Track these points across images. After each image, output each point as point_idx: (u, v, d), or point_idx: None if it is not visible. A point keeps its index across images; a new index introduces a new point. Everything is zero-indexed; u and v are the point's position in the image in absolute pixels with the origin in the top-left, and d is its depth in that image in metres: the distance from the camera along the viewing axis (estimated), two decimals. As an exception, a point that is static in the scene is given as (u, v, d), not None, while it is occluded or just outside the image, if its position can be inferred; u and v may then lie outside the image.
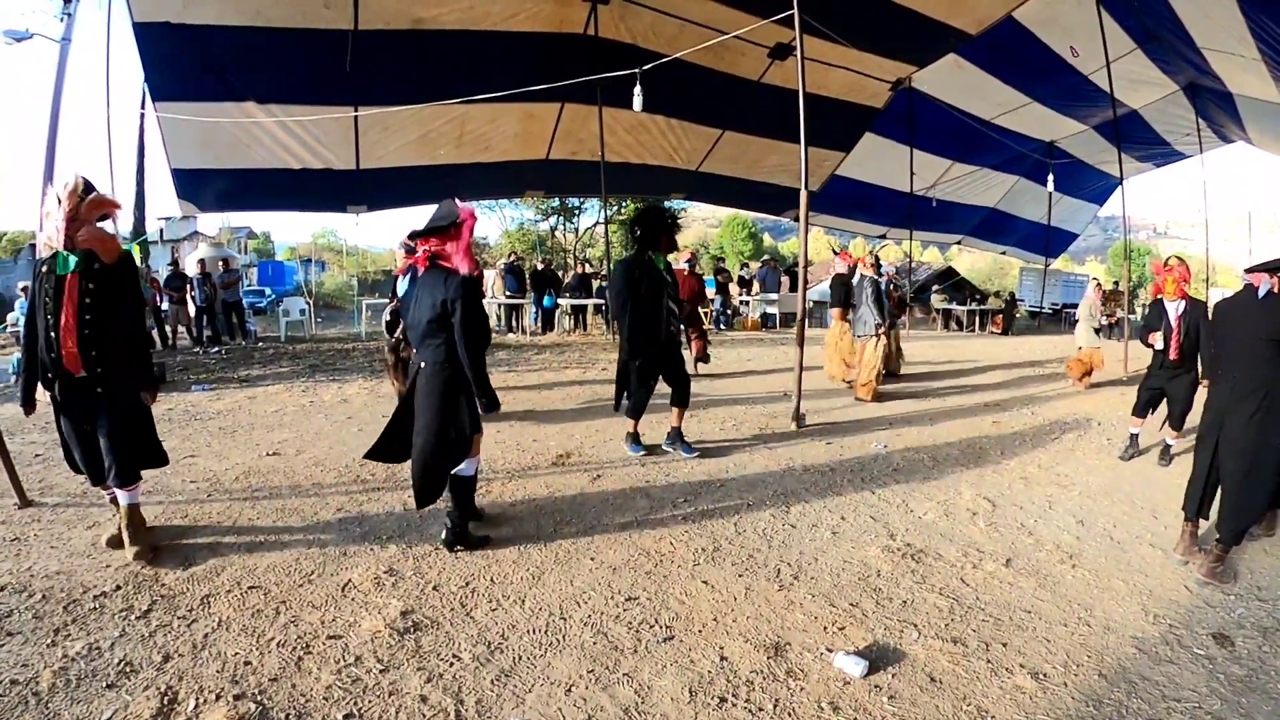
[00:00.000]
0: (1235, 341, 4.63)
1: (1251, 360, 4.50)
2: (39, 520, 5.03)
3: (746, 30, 11.74)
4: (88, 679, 3.17)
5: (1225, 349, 4.72)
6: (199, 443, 7.10)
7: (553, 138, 17.18)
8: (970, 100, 17.86)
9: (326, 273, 37.61)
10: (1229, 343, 4.69)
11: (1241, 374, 4.54)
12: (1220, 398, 4.67)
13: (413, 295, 4.64)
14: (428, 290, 4.43)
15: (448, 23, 13.06)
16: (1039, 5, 13.90)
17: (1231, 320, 4.70)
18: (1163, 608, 4.16)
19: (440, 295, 4.33)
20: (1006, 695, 3.26)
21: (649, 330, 6.51)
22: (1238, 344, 4.61)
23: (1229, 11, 10.98)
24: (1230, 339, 4.69)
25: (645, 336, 6.50)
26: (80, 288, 4.17)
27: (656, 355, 6.64)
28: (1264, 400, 4.42)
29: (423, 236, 4.48)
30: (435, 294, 4.36)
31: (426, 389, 4.50)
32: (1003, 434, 8.02)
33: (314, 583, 4.16)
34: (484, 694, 3.15)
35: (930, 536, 5.09)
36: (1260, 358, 4.46)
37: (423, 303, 4.45)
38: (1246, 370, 4.52)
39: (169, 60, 12.19)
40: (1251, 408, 4.45)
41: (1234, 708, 3.22)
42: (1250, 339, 4.51)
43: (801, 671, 3.39)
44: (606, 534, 4.99)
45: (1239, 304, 4.67)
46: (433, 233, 4.44)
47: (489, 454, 6.86)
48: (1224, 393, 4.65)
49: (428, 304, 4.40)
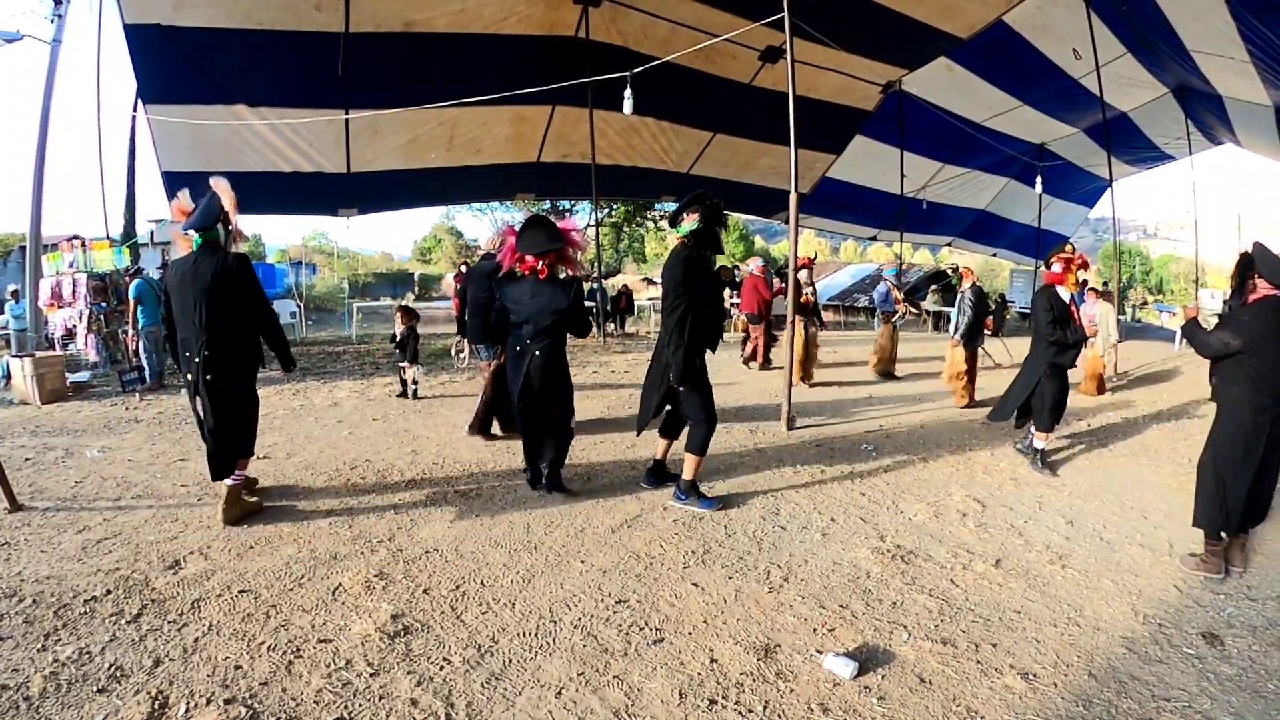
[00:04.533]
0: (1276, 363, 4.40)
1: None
2: (29, 524, 5.01)
3: (737, 33, 11.78)
4: (78, 683, 3.16)
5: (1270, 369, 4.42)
6: (189, 446, 7.08)
7: (544, 140, 17.20)
8: (961, 103, 17.90)
9: (317, 275, 37.43)
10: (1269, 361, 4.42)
11: (1269, 395, 4.42)
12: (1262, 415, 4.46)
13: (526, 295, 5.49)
14: (548, 293, 5.43)
15: (439, 25, 13.07)
16: (1030, 10, 13.95)
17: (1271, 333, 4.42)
18: (1152, 608, 4.17)
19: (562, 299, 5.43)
20: (996, 696, 3.27)
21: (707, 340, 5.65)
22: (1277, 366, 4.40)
23: (1219, 15, 11.03)
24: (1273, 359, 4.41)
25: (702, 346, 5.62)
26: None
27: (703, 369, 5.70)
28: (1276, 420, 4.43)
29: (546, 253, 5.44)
30: (557, 297, 5.42)
31: (551, 370, 5.51)
32: (993, 435, 8.04)
33: (304, 586, 4.16)
34: (474, 697, 3.15)
35: (920, 538, 5.11)
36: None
37: (542, 302, 5.43)
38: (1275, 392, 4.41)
39: (160, 62, 12.16)
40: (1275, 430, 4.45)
41: (1224, 707, 3.23)
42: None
43: (791, 673, 3.39)
44: (596, 536, 4.99)
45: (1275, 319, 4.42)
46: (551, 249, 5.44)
47: (479, 456, 6.87)
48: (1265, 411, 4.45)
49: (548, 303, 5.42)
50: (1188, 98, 17.50)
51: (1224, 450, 4.64)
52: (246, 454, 5.32)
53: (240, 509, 5.18)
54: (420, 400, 9.54)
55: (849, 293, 31.98)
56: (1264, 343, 4.41)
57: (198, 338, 4.93)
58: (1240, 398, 4.55)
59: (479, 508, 5.51)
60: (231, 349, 5.06)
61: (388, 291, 36.01)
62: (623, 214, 36.21)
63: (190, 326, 4.98)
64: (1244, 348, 4.47)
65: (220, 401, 5.03)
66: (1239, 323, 4.57)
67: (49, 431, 7.70)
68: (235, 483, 5.17)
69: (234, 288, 5.00)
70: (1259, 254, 4.53)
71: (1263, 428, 4.46)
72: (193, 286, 4.93)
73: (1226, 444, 4.63)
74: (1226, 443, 4.64)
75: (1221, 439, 4.69)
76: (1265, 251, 4.52)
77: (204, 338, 4.93)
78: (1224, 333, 4.62)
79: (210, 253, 5.04)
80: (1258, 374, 4.44)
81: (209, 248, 5.06)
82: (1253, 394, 4.47)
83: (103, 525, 5.01)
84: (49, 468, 6.40)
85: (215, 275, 4.93)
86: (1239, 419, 4.57)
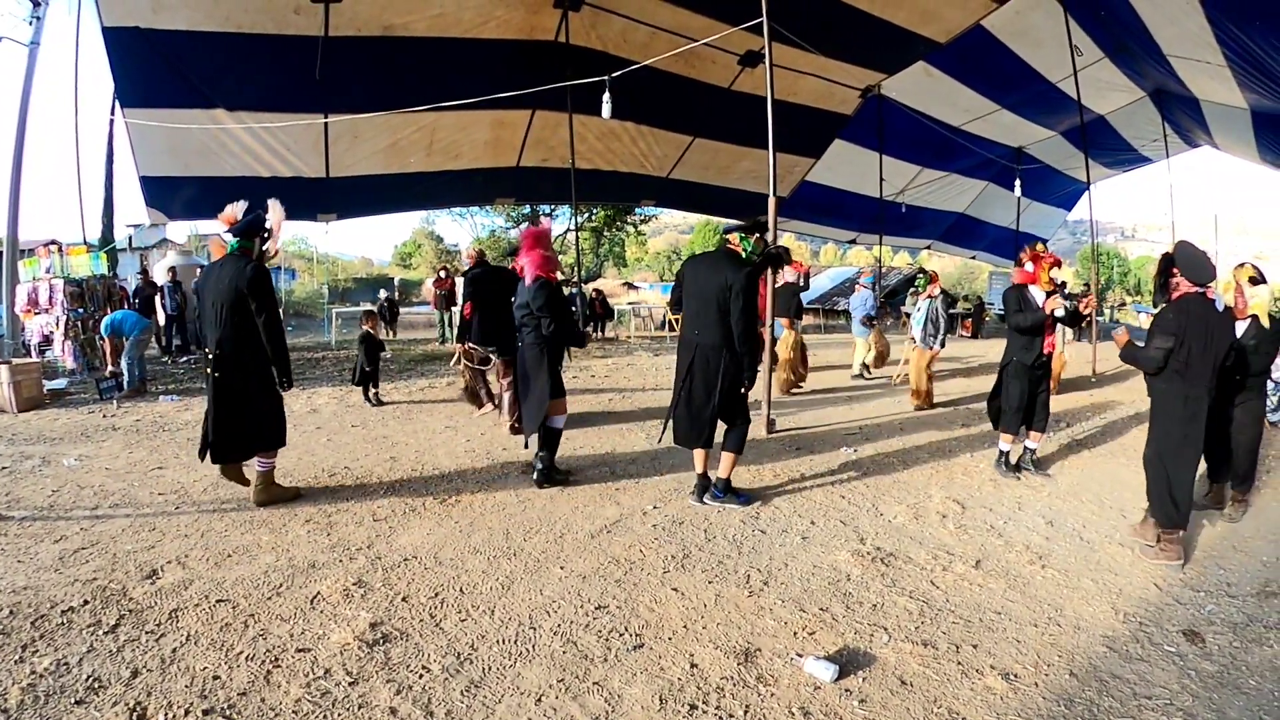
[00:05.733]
0: (1201, 355, 4.71)
1: (1213, 373, 4.74)
2: (5, 534, 4.95)
3: (716, 38, 11.80)
4: (56, 695, 3.12)
5: (1199, 358, 4.72)
6: (167, 454, 7.03)
7: (523, 145, 17.15)
8: (939, 107, 18.00)
9: (296, 281, 37.26)
10: (1194, 354, 4.72)
11: (1200, 386, 4.73)
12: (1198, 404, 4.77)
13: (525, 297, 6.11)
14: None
15: (418, 30, 13.01)
16: (1008, 14, 14.05)
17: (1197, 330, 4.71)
18: (1133, 606, 4.20)
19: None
20: (977, 696, 3.28)
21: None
22: (1204, 358, 4.71)
23: (1195, 20, 11.14)
24: (1197, 353, 4.71)
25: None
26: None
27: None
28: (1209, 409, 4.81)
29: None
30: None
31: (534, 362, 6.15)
32: (972, 436, 8.09)
33: (282, 595, 4.13)
34: (454, 705, 3.14)
35: (900, 540, 5.13)
36: (1215, 371, 4.73)
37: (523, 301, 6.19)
38: (1206, 383, 4.73)
39: (138, 66, 12.05)
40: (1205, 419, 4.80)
41: (1205, 704, 3.25)
42: (1220, 348, 4.73)
43: (772, 677, 3.39)
44: (576, 542, 4.98)
45: (1200, 313, 4.72)
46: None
47: (458, 462, 6.85)
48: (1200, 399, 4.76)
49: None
50: (1165, 101, 17.67)
51: (1164, 443, 4.92)
52: (269, 446, 5.66)
53: (269, 494, 5.66)
54: (397, 406, 9.50)
55: (829, 295, 32.11)
56: (1189, 336, 4.69)
57: (214, 336, 5.40)
58: (1169, 391, 4.87)
59: (458, 514, 5.49)
60: (241, 350, 5.42)
61: (368, 297, 35.86)
62: (602, 218, 36.22)
63: (210, 325, 5.48)
64: (1180, 341, 4.73)
65: (224, 397, 5.42)
66: (1165, 321, 4.84)
67: (25, 439, 7.63)
68: (264, 469, 5.64)
69: (250, 295, 5.33)
70: (1179, 255, 4.86)
71: (1197, 414, 4.76)
72: (214, 289, 5.39)
73: (1164, 436, 4.92)
74: (1164, 435, 4.93)
75: (1159, 432, 4.97)
76: (1185, 252, 4.86)
77: (217, 336, 5.37)
78: (1156, 340, 4.84)
79: (237, 260, 5.44)
80: (1185, 365, 4.73)
81: (240, 255, 5.47)
82: (1181, 384, 4.77)
83: (80, 534, 4.96)
84: (25, 476, 6.34)
85: (234, 281, 5.32)
86: (1172, 410, 4.87)
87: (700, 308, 5.50)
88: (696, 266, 5.72)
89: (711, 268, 5.51)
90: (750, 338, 5.45)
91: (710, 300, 5.42)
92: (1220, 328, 4.74)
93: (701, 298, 5.49)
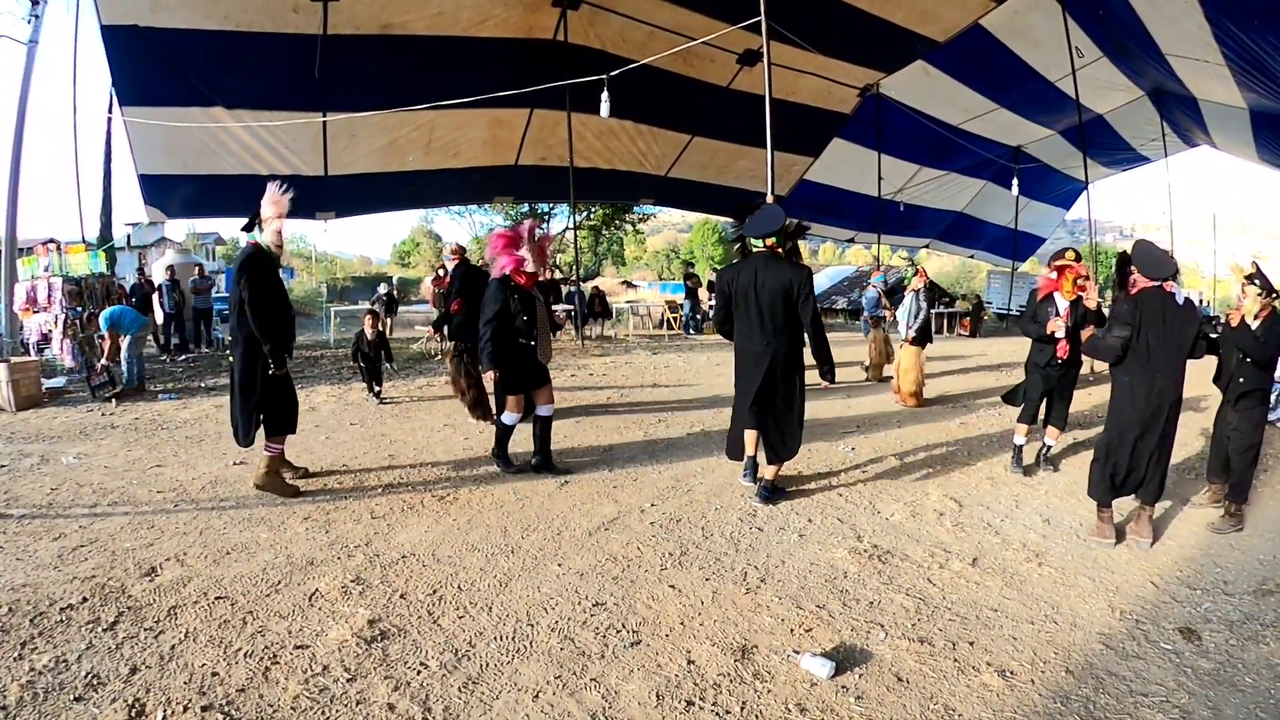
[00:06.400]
0: (1161, 346, 4.87)
1: (1177, 365, 4.89)
2: (4, 532, 4.95)
3: (715, 36, 11.82)
4: (55, 692, 3.13)
5: (1158, 349, 4.89)
6: (166, 452, 7.04)
7: (522, 143, 17.19)
8: (938, 106, 18.04)
9: (295, 279, 37.20)
10: (1153, 346, 4.89)
11: (1165, 377, 4.87)
12: (1145, 397, 4.93)
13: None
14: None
15: (417, 28, 13.04)
16: (1006, 14, 14.07)
17: (1154, 322, 4.89)
18: (1129, 604, 4.21)
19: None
20: (974, 693, 3.29)
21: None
22: (1164, 349, 4.87)
23: (1194, 19, 11.16)
24: (1156, 344, 4.88)
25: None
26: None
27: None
28: (1176, 402, 4.94)
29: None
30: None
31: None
32: (969, 435, 8.10)
33: (281, 592, 4.13)
34: (451, 701, 3.14)
35: (897, 537, 5.13)
36: (1181, 363, 4.90)
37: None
38: (1169, 374, 4.88)
39: (137, 64, 12.08)
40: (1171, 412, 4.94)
41: (1202, 701, 3.25)
42: (1181, 340, 4.87)
43: (768, 674, 3.40)
44: (573, 539, 4.99)
45: (1157, 306, 4.89)
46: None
47: (456, 460, 6.86)
48: (1149, 392, 4.91)
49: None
50: (1163, 100, 17.71)
51: (1114, 427, 5.14)
52: (274, 431, 5.84)
53: (268, 479, 5.77)
54: (396, 404, 9.51)
55: (827, 294, 32.13)
56: (1144, 326, 4.88)
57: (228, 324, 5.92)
58: (1128, 384, 5.03)
59: (456, 512, 5.50)
60: (235, 336, 5.72)
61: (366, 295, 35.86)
62: (601, 217, 36.23)
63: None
64: (1135, 331, 4.91)
65: (232, 377, 5.80)
66: (1121, 312, 5.04)
67: (24, 438, 7.63)
68: (271, 454, 5.83)
69: (235, 281, 5.64)
70: (1136, 252, 5.12)
71: (1152, 403, 4.92)
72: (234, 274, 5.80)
73: (1114, 421, 5.14)
74: (1114, 419, 5.15)
75: (1112, 417, 5.19)
76: (1141, 249, 5.13)
77: (231, 320, 5.77)
78: (1114, 330, 5.05)
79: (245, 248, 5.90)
80: (1146, 355, 4.90)
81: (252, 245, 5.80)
82: (1144, 374, 4.93)
83: (79, 532, 4.96)
84: (24, 474, 6.34)
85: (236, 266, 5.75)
86: (1126, 398, 5.04)
87: (767, 315, 5.50)
88: (748, 276, 5.56)
89: (768, 273, 5.48)
90: (824, 334, 5.73)
91: (778, 306, 5.47)
92: (1180, 320, 4.87)
93: (768, 305, 5.49)
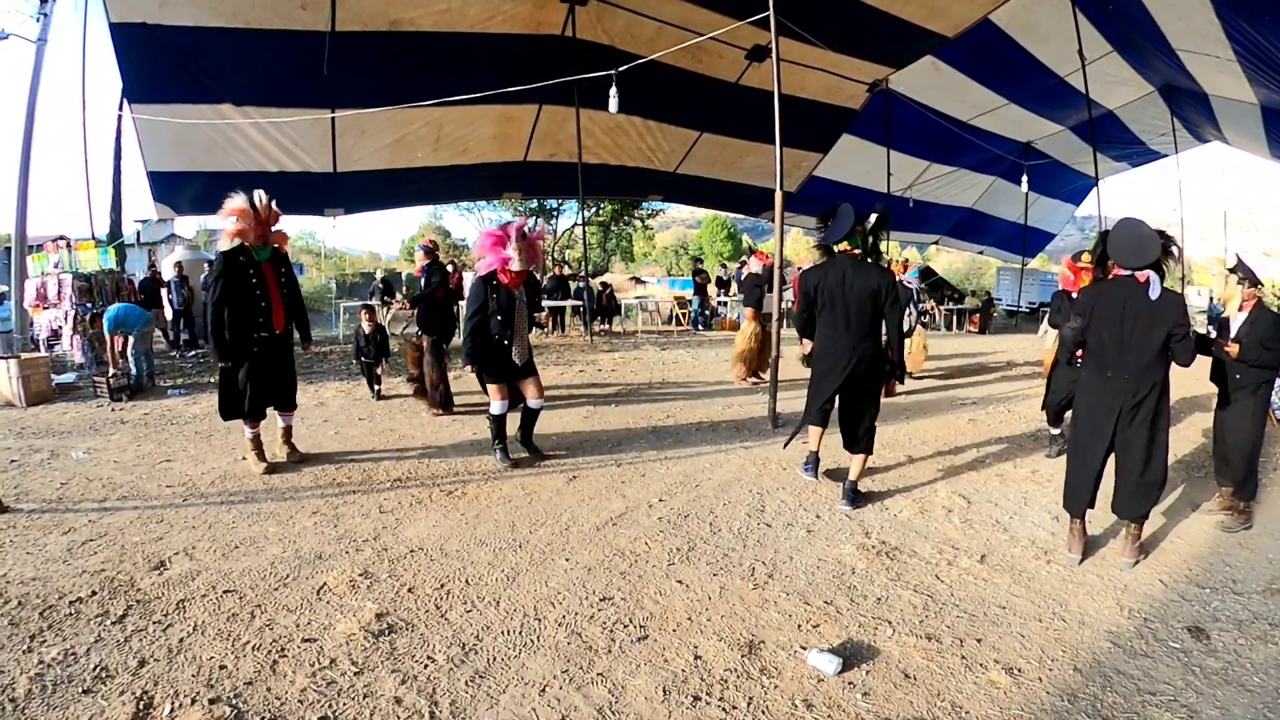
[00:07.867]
0: (1117, 344, 4.53)
1: (1149, 361, 4.48)
2: (15, 526, 4.98)
3: (723, 32, 11.80)
4: (64, 684, 3.14)
5: (1114, 347, 4.56)
6: (175, 447, 7.06)
7: (530, 139, 17.18)
8: (947, 102, 17.98)
9: (304, 275, 37.29)
10: (1107, 343, 4.58)
11: (1128, 378, 4.51)
12: (1113, 396, 4.58)
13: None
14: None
15: (425, 24, 13.04)
16: (1016, 8, 14.02)
17: (1109, 318, 4.57)
18: (1137, 602, 4.19)
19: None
20: (981, 691, 3.28)
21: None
22: (1133, 344, 4.48)
23: (1204, 14, 11.11)
24: (1111, 341, 4.56)
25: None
26: (274, 270, 6.27)
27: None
28: (1158, 401, 4.53)
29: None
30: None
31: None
32: (979, 431, 8.08)
33: (289, 586, 4.15)
34: (458, 695, 3.15)
35: (905, 534, 5.12)
36: (1155, 359, 4.48)
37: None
38: (1134, 375, 4.50)
39: (145, 62, 12.12)
40: (1148, 411, 4.53)
41: (1210, 700, 3.25)
42: (1146, 341, 4.45)
43: (775, 669, 3.40)
44: (581, 534, 5.00)
45: (1118, 300, 4.54)
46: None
47: (464, 455, 6.86)
48: (1117, 391, 4.56)
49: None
50: (1174, 96, 17.62)
51: (1076, 432, 4.91)
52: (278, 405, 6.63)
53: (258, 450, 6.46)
54: (403, 399, 9.52)
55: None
56: (1096, 320, 4.62)
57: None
58: (1088, 381, 4.80)
59: (464, 506, 5.50)
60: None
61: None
62: (610, 213, 36.17)
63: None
64: (1086, 323, 4.67)
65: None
66: (1078, 302, 4.91)
67: (34, 433, 7.66)
68: (283, 424, 6.75)
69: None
70: (1111, 235, 4.72)
71: (1110, 406, 4.60)
72: None
73: (1076, 423, 4.94)
74: (1076, 422, 4.94)
75: (1074, 419, 5.01)
76: (1116, 232, 4.67)
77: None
78: (1070, 321, 4.91)
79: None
80: (1100, 351, 4.64)
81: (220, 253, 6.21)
82: (1096, 370, 4.69)
83: (88, 526, 4.98)
84: (34, 469, 6.37)
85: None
86: (1088, 398, 4.78)
87: (855, 316, 5.49)
88: (835, 278, 5.55)
89: (856, 276, 5.48)
90: (904, 339, 6.07)
91: (865, 308, 5.47)
92: (1147, 318, 4.43)
93: (855, 307, 5.48)
